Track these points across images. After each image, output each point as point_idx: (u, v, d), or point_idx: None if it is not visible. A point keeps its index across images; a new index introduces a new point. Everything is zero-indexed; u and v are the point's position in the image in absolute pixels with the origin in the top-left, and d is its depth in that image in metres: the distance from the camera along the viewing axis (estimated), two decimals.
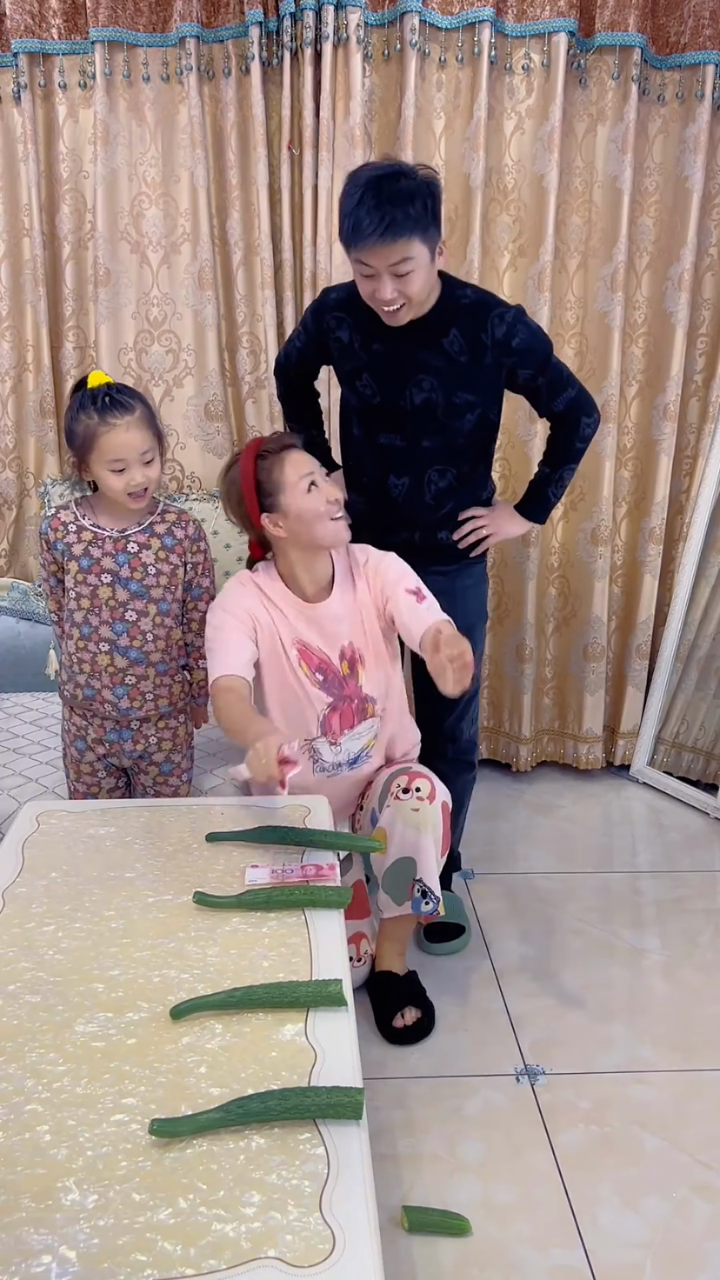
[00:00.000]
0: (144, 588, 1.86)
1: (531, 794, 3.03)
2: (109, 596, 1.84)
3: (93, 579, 1.83)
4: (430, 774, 1.91)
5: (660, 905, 2.44)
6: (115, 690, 1.89)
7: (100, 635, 1.86)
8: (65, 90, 2.63)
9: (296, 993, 1.25)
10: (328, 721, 1.90)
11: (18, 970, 1.32)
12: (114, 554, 1.84)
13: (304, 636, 1.88)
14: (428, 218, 1.77)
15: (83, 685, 1.89)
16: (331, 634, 1.88)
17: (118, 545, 1.84)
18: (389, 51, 2.60)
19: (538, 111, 2.65)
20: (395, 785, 1.88)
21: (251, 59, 2.54)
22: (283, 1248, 0.92)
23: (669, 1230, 1.54)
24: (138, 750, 1.95)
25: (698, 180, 2.67)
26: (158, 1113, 1.08)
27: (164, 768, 1.99)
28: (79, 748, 1.96)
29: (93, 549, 1.84)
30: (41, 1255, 0.91)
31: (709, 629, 2.97)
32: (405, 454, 2.01)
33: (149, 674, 1.90)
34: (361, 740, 1.95)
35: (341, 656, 1.89)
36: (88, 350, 2.78)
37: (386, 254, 1.76)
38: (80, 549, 1.84)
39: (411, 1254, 1.49)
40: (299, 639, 1.87)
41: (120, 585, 1.84)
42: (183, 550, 1.90)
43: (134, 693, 1.90)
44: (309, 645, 1.87)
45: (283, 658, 1.86)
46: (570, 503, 2.95)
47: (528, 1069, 1.88)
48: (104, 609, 1.84)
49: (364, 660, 1.91)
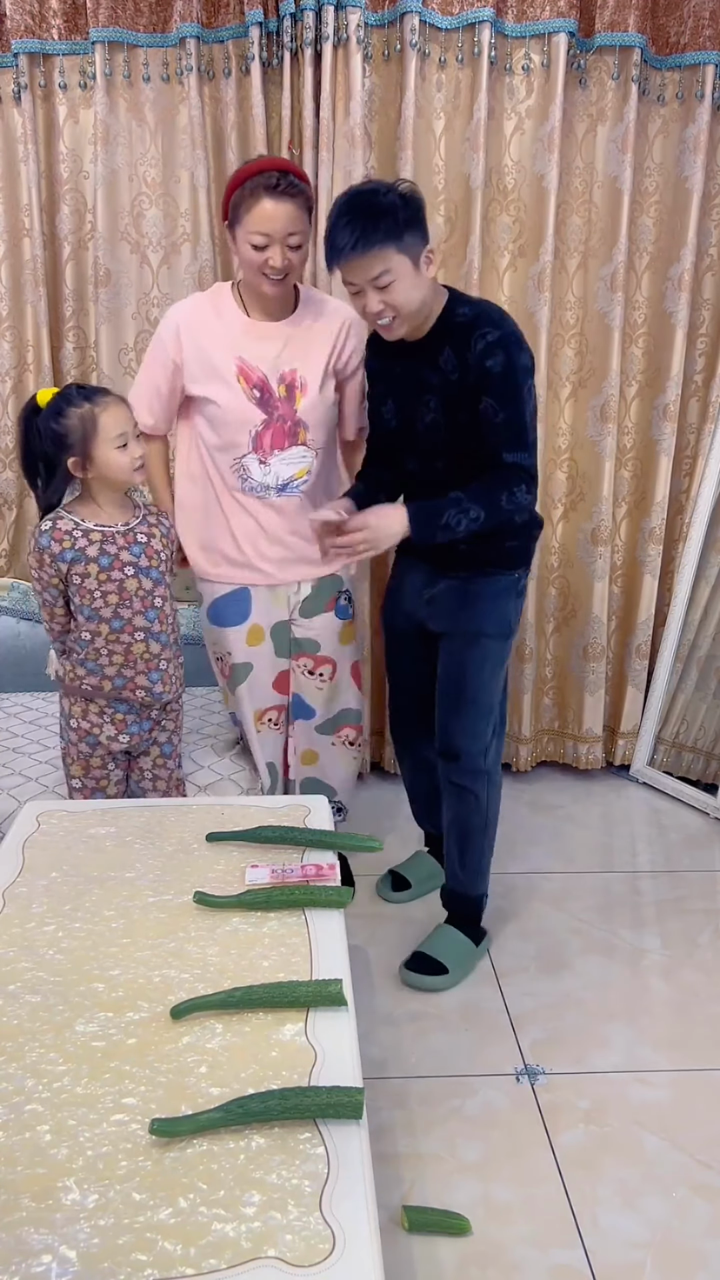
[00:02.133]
0: (160, 574, 1.94)
1: (531, 794, 3.03)
2: (137, 587, 1.90)
3: (117, 574, 1.88)
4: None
5: (660, 905, 2.44)
6: (150, 676, 1.94)
7: (135, 625, 1.91)
8: (65, 90, 2.63)
9: (296, 993, 1.25)
10: (259, 438, 2.06)
11: (18, 970, 1.32)
12: (128, 546, 1.89)
13: (244, 353, 2.04)
14: (401, 228, 1.76)
15: (113, 676, 1.92)
16: (272, 355, 2.04)
17: (128, 539, 1.90)
18: (389, 52, 2.60)
19: (538, 112, 2.65)
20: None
21: (251, 59, 2.54)
22: (283, 1247, 0.92)
23: (669, 1230, 1.54)
24: (150, 736, 2.01)
25: (698, 180, 2.67)
26: (158, 1112, 1.08)
27: (165, 749, 2.04)
28: (89, 743, 1.96)
29: (107, 546, 1.88)
30: (42, 1255, 0.92)
31: (709, 629, 2.97)
32: (424, 476, 2.01)
33: (174, 656, 2.00)
34: (292, 467, 2.09)
35: (281, 380, 2.05)
36: (88, 350, 2.78)
37: (363, 268, 1.77)
38: (95, 550, 1.87)
39: (411, 1254, 1.49)
40: (239, 355, 2.04)
41: (143, 575, 1.90)
42: (171, 538, 2.00)
43: (166, 677, 1.97)
44: (248, 362, 2.04)
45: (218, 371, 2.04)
46: (570, 503, 2.95)
47: (528, 1069, 1.88)
48: (134, 600, 1.90)
49: (305, 389, 2.06)
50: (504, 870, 2.58)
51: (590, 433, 2.86)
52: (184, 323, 2.08)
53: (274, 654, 2.22)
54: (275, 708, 2.26)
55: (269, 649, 2.21)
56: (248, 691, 2.22)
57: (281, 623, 2.21)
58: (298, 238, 1.94)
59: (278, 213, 1.90)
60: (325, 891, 1.48)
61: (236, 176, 1.95)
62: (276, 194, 1.90)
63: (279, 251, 1.93)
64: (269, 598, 2.19)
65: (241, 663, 2.21)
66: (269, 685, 2.24)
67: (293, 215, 1.92)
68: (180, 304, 2.13)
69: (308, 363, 2.08)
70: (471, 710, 2.08)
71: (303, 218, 1.94)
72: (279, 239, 1.92)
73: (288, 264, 1.96)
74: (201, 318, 2.08)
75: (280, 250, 1.93)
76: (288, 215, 1.91)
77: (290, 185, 1.91)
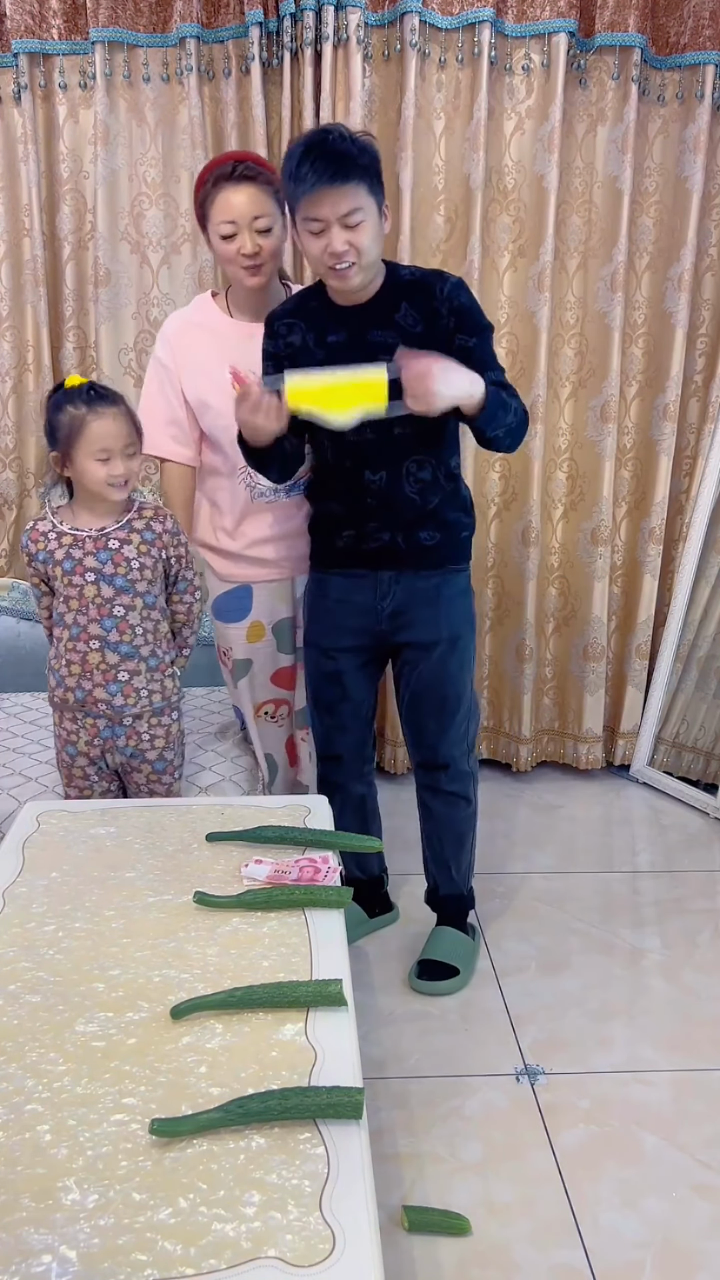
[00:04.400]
0: (129, 582, 1.87)
1: (531, 794, 3.03)
2: (95, 594, 1.85)
3: (78, 579, 1.85)
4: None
5: (660, 905, 2.44)
6: (109, 688, 1.88)
7: (89, 633, 1.86)
8: (65, 90, 2.63)
9: (296, 993, 1.25)
10: None
11: (18, 970, 1.32)
12: (95, 552, 1.86)
13: (236, 360, 1.96)
14: (371, 173, 1.73)
15: (73, 688, 1.89)
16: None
17: (98, 544, 1.86)
18: (389, 52, 2.60)
19: (538, 112, 2.65)
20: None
21: (252, 59, 2.54)
22: (283, 1247, 0.92)
23: (669, 1230, 1.54)
24: (130, 747, 1.94)
25: (698, 180, 2.67)
26: (158, 1112, 1.08)
27: (156, 765, 1.98)
28: (69, 753, 1.95)
29: (74, 550, 1.85)
30: (41, 1255, 0.91)
31: (709, 629, 2.97)
32: (378, 446, 1.90)
33: (141, 669, 1.90)
34: None
35: None
36: (88, 350, 2.78)
37: (337, 200, 1.69)
38: (62, 553, 1.85)
39: (411, 1254, 1.49)
40: (232, 363, 1.96)
41: (105, 582, 1.85)
42: (163, 544, 1.91)
43: (127, 689, 1.90)
44: (241, 370, 1.96)
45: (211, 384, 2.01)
46: (570, 503, 2.95)
47: (528, 1069, 1.88)
48: (91, 606, 1.86)
49: None
50: (504, 870, 2.58)
51: (590, 433, 2.86)
52: (174, 336, 2.08)
53: (276, 650, 2.23)
54: (274, 701, 2.27)
55: (270, 645, 2.22)
56: (247, 686, 2.24)
57: (285, 619, 2.21)
58: (265, 220, 1.93)
59: (238, 197, 1.91)
60: (325, 891, 1.48)
61: (199, 179, 1.97)
62: (233, 180, 1.90)
63: (248, 236, 1.93)
64: (271, 594, 2.19)
65: (241, 659, 2.21)
66: (268, 681, 2.25)
67: (254, 196, 1.91)
68: (167, 323, 2.12)
69: None
70: (457, 717, 2.06)
71: (266, 200, 1.92)
72: (245, 224, 1.92)
73: (259, 248, 1.94)
74: (190, 333, 2.07)
75: (249, 235, 1.93)
76: (249, 198, 1.91)
77: (247, 169, 1.91)
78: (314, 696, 2.14)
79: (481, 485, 2.91)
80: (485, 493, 2.92)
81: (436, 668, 2.02)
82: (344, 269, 1.76)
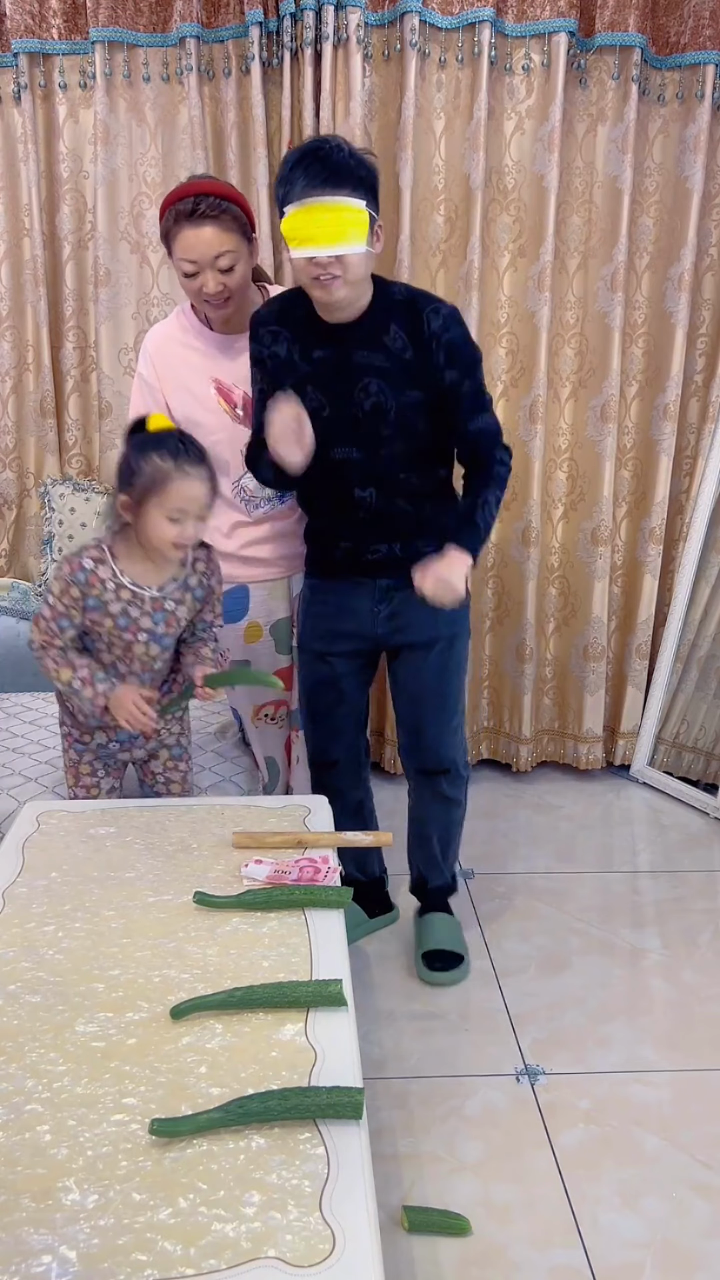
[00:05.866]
0: (173, 639, 1.86)
1: (531, 794, 3.03)
2: (143, 652, 1.83)
3: (128, 636, 1.80)
4: None
5: (660, 905, 2.44)
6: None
7: (124, 677, 1.84)
8: (65, 90, 2.63)
9: (296, 993, 1.25)
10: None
11: (18, 970, 1.32)
12: (151, 613, 1.80)
13: (219, 374, 2.01)
14: (368, 187, 1.67)
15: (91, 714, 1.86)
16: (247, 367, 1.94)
17: (156, 605, 1.80)
18: (389, 52, 2.60)
19: (538, 112, 2.65)
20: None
21: (251, 59, 2.54)
22: (283, 1248, 0.92)
23: (669, 1230, 1.54)
24: (151, 743, 1.97)
25: (698, 180, 2.67)
26: (158, 1113, 1.08)
27: (174, 751, 2.01)
28: (77, 750, 1.96)
29: (131, 609, 1.78)
30: (41, 1255, 0.91)
31: (709, 629, 2.97)
32: (366, 465, 1.86)
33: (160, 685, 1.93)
34: None
35: None
36: (88, 350, 2.78)
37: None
38: (118, 608, 1.78)
39: (411, 1254, 1.49)
40: (215, 377, 2.01)
41: (155, 641, 1.82)
42: (206, 596, 1.89)
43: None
44: (224, 383, 2.00)
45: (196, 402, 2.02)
46: (570, 503, 2.95)
47: (528, 1069, 1.88)
48: (136, 662, 1.84)
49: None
50: (504, 870, 2.58)
51: (590, 433, 2.86)
52: (155, 353, 2.06)
53: (274, 651, 2.23)
54: (273, 702, 2.26)
55: (268, 646, 2.22)
56: (245, 688, 2.22)
57: (283, 619, 2.21)
58: (227, 258, 1.88)
59: (199, 239, 1.86)
60: (325, 891, 1.48)
61: (161, 207, 1.92)
62: (194, 220, 1.85)
63: (211, 277, 1.89)
64: (267, 594, 2.19)
65: (239, 660, 2.21)
66: None
67: (215, 238, 1.86)
68: (148, 338, 2.10)
69: None
70: (456, 717, 2.07)
71: (229, 237, 1.87)
72: (206, 264, 1.88)
73: (222, 287, 1.91)
74: (171, 346, 2.05)
75: (211, 275, 1.89)
76: (209, 239, 1.86)
77: (210, 206, 1.84)
78: (309, 703, 2.12)
79: None
80: None
81: (436, 667, 2.02)
82: (326, 280, 1.68)
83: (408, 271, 2.67)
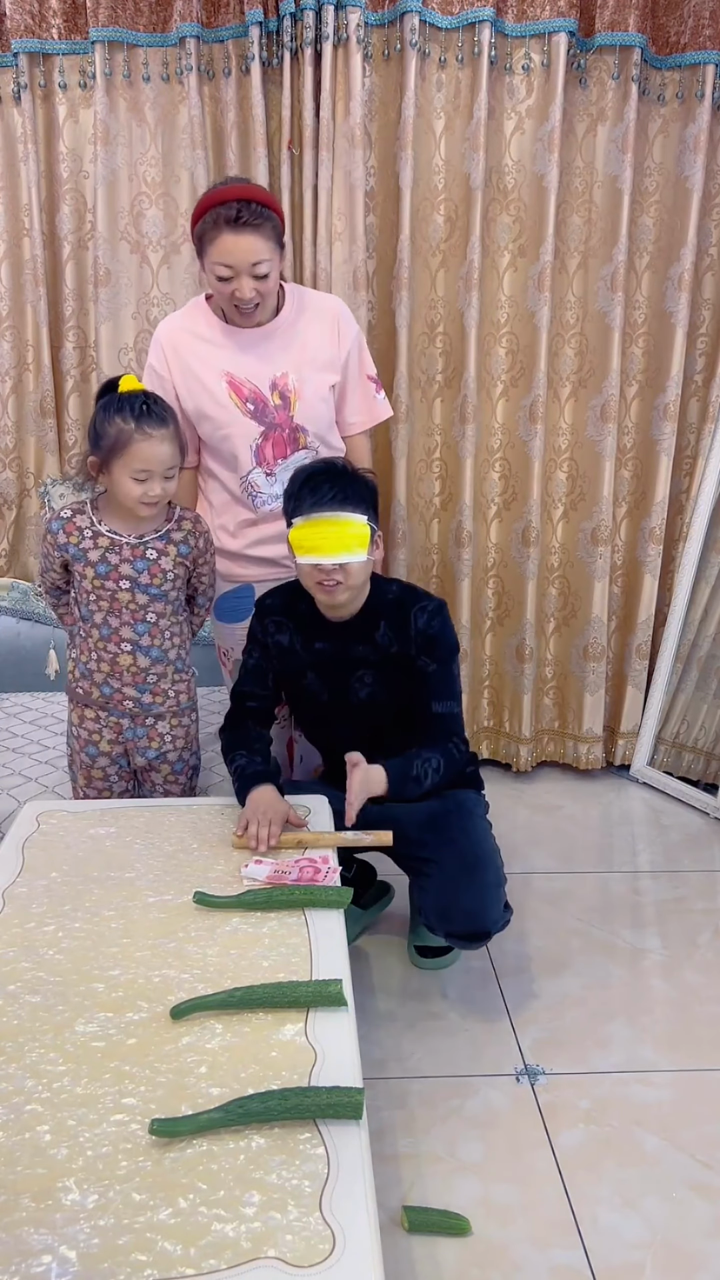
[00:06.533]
0: (161, 591, 1.89)
1: (531, 794, 3.03)
2: (129, 600, 1.86)
3: (110, 584, 1.85)
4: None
5: (660, 905, 2.44)
6: (138, 688, 1.92)
7: (122, 636, 1.88)
8: (65, 90, 2.63)
9: (296, 993, 1.25)
10: (260, 451, 2.04)
11: (18, 970, 1.32)
12: (132, 560, 1.86)
13: (231, 367, 2.00)
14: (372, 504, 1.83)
15: (100, 684, 1.91)
16: (261, 363, 2.00)
17: (135, 551, 1.86)
18: (389, 51, 2.60)
19: (538, 111, 2.65)
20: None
21: (251, 59, 2.54)
22: (283, 1248, 0.92)
23: (669, 1230, 1.54)
24: (153, 749, 1.98)
25: (698, 180, 2.67)
26: (158, 1113, 1.08)
27: (176, 766, 2.02)
28: (90, 754, 1.96)
29: (110, 555, 1.85)
30: (41, 1255, 0.91)
31: (709, 629, 2.97)
32: (360, 741, 1.92)
33: (168, 672, 1.95)
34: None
35: (274, 387, 2.02)
36: (88, 350, 2.78)
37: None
38: (96, 555, 1.84)
39: (411, 1254, 1.49)
40: (227, 370, 2.00)
41: (139, 590, 1.86)
42: (194, 557, 1.94)
43: (156, 689, 1.94)
44: (237, 376, 2.00)
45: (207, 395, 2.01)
46: (570, 503, 2.95)
47: (528, 1069, 1.88)
48: (124, 611, 1.87)
49: (299, 393, 2.03)
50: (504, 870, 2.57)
51: (590, 432, 2.86)
52: (168, 344, 2.06)
53: None
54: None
55: None
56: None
57: None
58: (264, 266, 1.90)
59: (239, 245, 1.87)
60: (325, 892, 1.48)
61: (199, 205, 1.92)
62: (237, 226, 1.86)
63: (246, 283, 1.90)
64: None
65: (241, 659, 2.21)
66: None
67: (255, 246, 1.87)
68: (162, 325, 2.10)
69: (300, 363, 2.05)
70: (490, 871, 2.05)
71: (267, 246, 1.89)
72: (244, 270, 1.89)
73: (256, 294, 1.92)
74: (184, 338, 2.05)
75: (247, 281, 1.90)
76: (250, 247, 1.87)
77: (253, 215, 1.86)
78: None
79: (482, 485, 2.91)
80: (485, 492, 2.93)
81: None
82: (331, 586, 1.82)
83: (408, 271, 2.67)
